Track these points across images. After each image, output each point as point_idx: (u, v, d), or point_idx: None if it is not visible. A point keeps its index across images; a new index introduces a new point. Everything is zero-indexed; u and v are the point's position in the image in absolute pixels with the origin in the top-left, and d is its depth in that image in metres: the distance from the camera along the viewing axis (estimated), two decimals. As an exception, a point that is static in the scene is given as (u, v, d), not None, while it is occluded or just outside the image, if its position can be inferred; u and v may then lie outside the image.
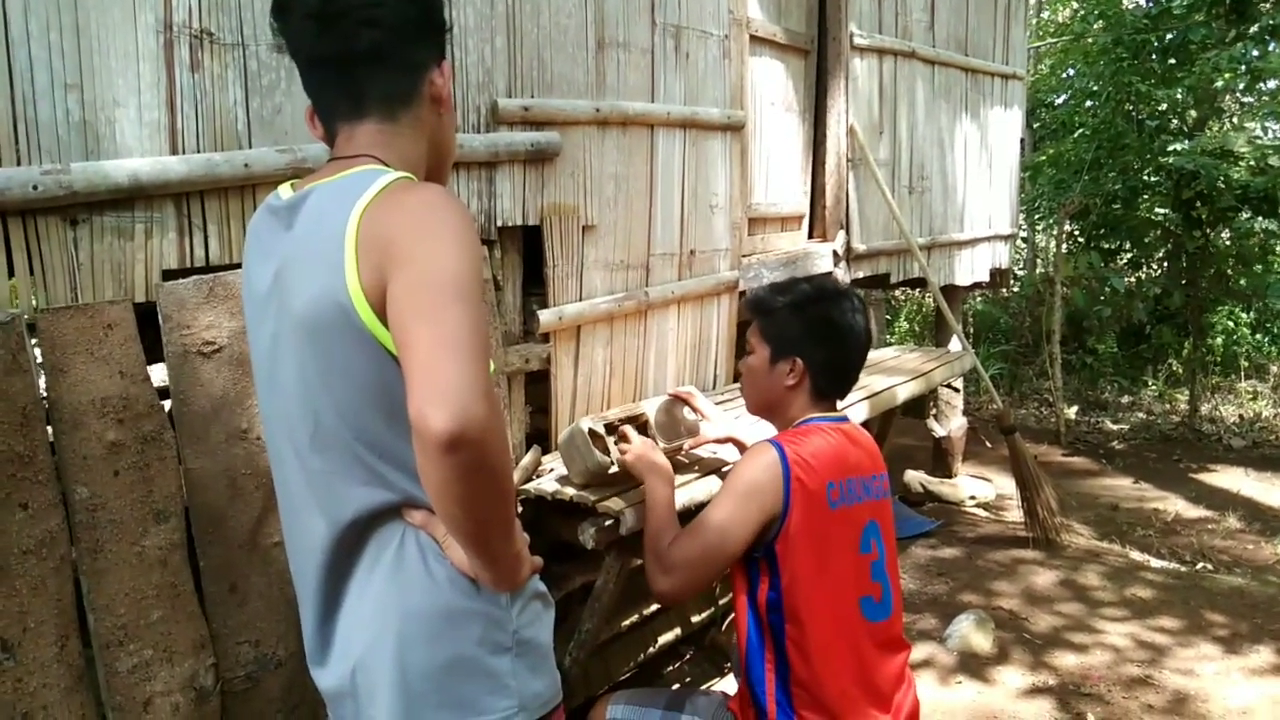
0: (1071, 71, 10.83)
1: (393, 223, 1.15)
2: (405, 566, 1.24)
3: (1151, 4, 8.80)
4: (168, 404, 2.03)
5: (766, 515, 1.82)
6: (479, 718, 1.24)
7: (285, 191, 1.33)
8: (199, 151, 2.08)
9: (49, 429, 1.85)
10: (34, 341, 1.90)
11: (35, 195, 1.82)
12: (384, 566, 1.25)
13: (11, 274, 1.85)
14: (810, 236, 4.62)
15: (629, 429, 2.28)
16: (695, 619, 3.42)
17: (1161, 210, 9.13)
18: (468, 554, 1.20)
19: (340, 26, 1.25)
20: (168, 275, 2.04)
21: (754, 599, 1.88)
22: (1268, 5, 7.87)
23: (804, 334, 2.01)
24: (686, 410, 2.52)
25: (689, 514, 2.49)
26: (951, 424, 6.05)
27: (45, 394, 1.85)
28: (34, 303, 1.88)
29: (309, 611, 1.34)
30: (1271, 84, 9.29)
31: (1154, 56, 8.72)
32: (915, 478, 6.00)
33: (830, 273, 4.39)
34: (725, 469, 2.60)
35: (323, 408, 1.23)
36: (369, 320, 1.16)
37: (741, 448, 2.44)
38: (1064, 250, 9.09)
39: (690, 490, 2.48)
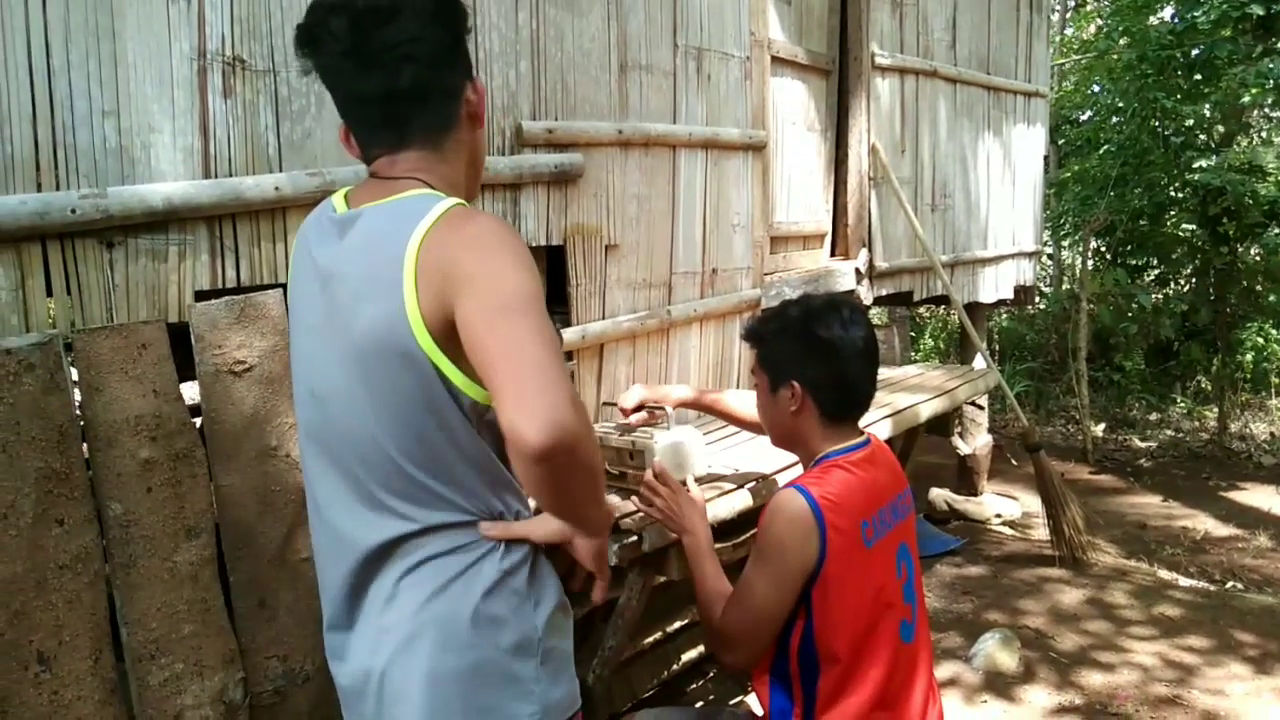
0: (1096, 88, 10.78)
1: (454, 246, 1.19)
2: (440, 572, 1.27)
3: (1177, 20, 8.74)
4: (199, 422, 2.07)
5: (806, 571, 1.79)
6: None
7: (339, 204, 1.35)
8: (231, 175, 2.13)
9: (84, 446, 1.89)
10: (70, 361, 1.95)
11: (73, 219, 1.87)
12: (420, 572, 1.28)
13: (50, 295, 1.90)
14: (833, 254, 4.63)
15: (662, 471, 2.14)
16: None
17: (1188, 226, 9.08)
18: (564, 522, 1.30)
19: (380, 64, 1.25)
20: (200, 296, 2.09)
21: (785, 642, 1.86)
22: (1294, 21, 7.83)
23: (795, 355, 1.93)
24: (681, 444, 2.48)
25: (738, 523, 2.48)
26: (976, 442, 6.02)
27: (81, 412, 1.90)
28: (71, 323, 1.93)
29: (338, 597, 1.36)
30: (1299, 99, 9.22)
31: (1179, 72, 8.67)
32: (940, 496, 5.97)
33: (830, 291, 4.26)
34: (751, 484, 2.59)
35: (371, 425, 1.26)
36: (427, 346, 1.19)
37: (705, 407, 2.47)
38: (1090, 267, 9.05)
39: (731, 500, 2.49)
